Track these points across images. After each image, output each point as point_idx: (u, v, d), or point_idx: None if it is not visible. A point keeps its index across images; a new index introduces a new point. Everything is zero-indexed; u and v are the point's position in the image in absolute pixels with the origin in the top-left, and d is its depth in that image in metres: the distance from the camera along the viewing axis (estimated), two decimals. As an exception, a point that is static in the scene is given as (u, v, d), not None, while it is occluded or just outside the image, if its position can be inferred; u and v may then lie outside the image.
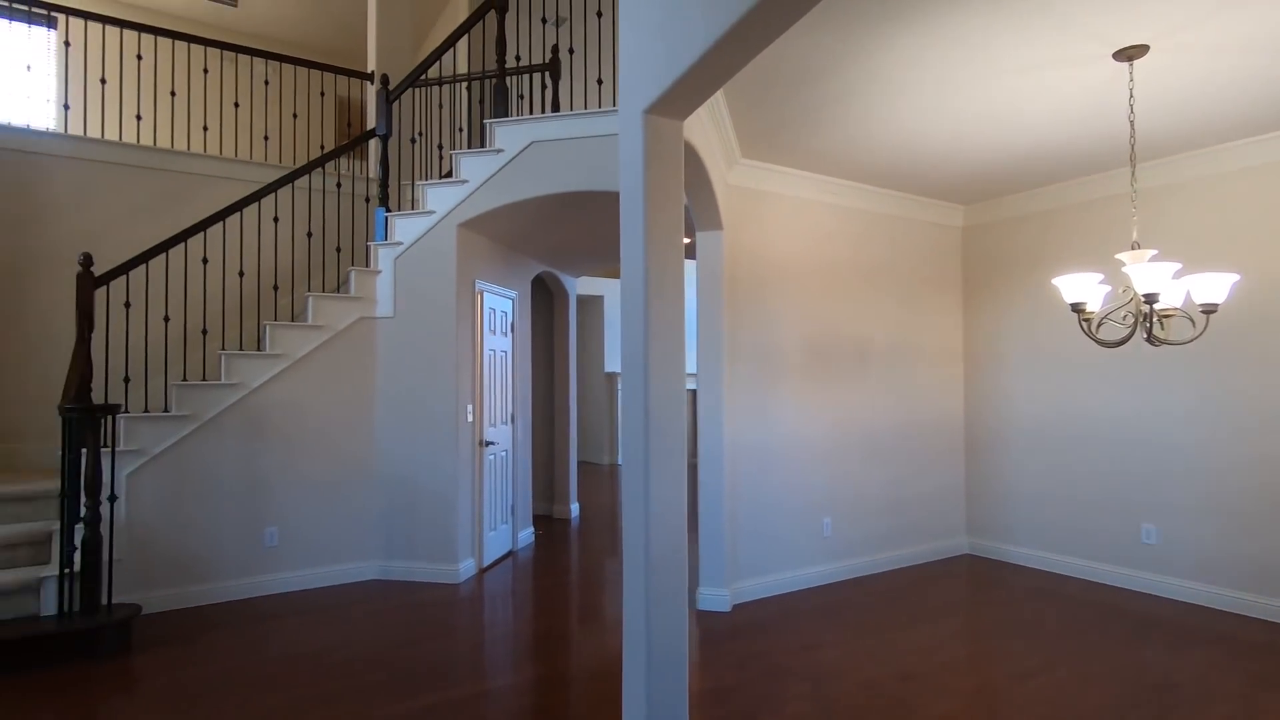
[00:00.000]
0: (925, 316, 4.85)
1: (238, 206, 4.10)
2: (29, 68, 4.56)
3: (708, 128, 3.26)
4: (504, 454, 5.05)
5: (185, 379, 3.96)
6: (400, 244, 4.42)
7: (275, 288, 4.27)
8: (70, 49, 5.65)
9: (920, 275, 4.83)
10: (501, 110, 4.29)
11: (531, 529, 5.48)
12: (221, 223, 4.11)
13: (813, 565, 4.26)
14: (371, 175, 5.31)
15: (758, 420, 4.06)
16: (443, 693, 2.82)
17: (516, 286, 5.25)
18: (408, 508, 4.35)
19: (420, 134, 5.36)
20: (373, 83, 5.33)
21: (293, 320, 4.34)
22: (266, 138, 5.04)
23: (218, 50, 6.22)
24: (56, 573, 3.22)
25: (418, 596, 4.02)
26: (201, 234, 4.20)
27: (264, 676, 2.97)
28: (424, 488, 4.33)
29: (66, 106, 4.48)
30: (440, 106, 4.67)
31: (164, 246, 3.87)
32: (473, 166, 4.27)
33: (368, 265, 4.57)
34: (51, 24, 6.04)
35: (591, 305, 9.76)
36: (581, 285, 9.34)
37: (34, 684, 2.88)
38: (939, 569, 4.63)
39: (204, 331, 4.03)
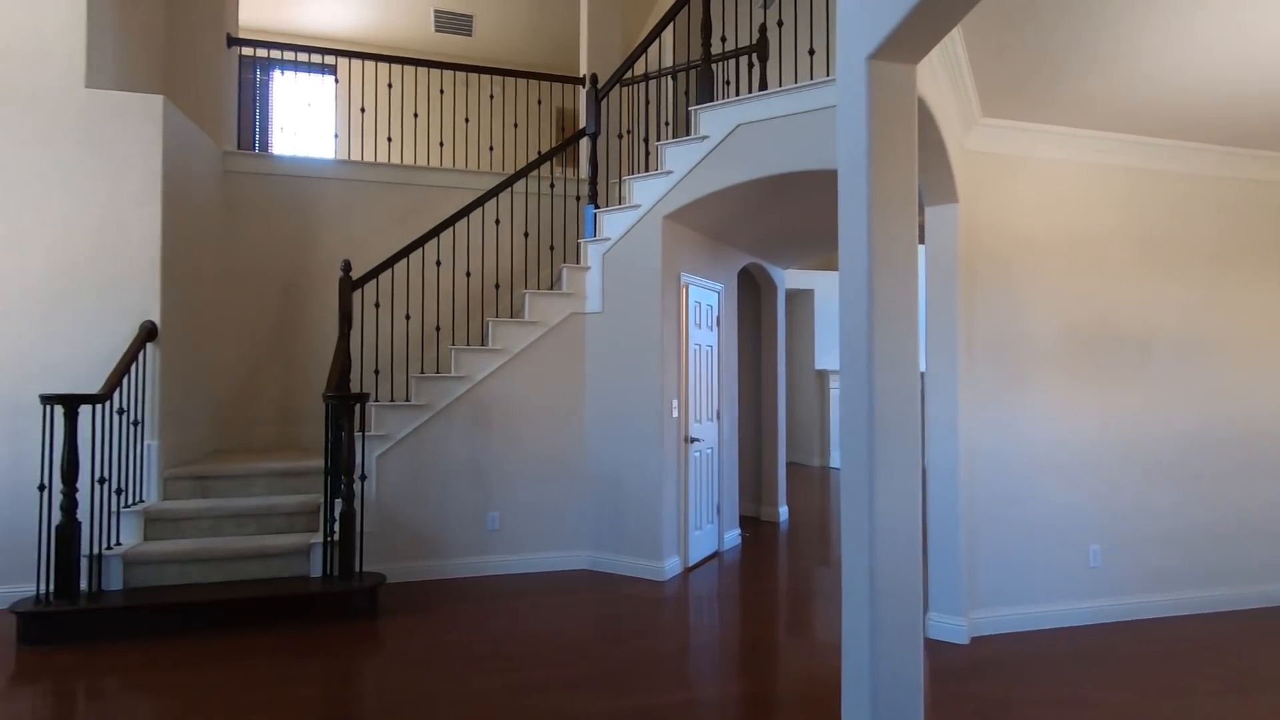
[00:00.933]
0: (1235, 298, 3.84)
1: (464, 212, 4.42)
2: (309, 105, 5.33)
3: (941, 82, 2.81)
4: (709, 452, 4.91)
5: (423, 371, 4.35)
6: (608, 239, 4.46)
7: (497, 286, 4.54)
8: (338, 85, 6.54)
9: (1228, 247, 3.83)
10: (706, 97, 4.14)
11: (738, 530, 5.28)
12: (451, 228, 4.45)
13: (1075, 600, 3.55)
14: (583, 176, 5.47)
15: (1001, 425, 3.47)
16: (647, 696, 2.73)
17: (723, 279, 5.09)
18: (615, 501, 4.39)
19: (628, 130, 5.42)
20: (584, 85, 5.50)
21: (511, 316, 4.59)
22: (491, 148, 5.41)
23: (452, 73, 6.86)
24: (322, 540, 3.67)
25: (624, 590, 4.02)
26: (435, 239, 4.60)
27: (484, 655, 3.11)
28: (630, 482, 4.33)
29: (335, 135, 5.16)
30: (647, 102, 4.66)
31: (405, 252, 4.28)
32: (677, 156, 4.17)
33: (578, 262, 4.70)
34: (333, 71, 7.10)
35: (801, 300, 9.32)
36: (791, 278, 8.95)
37: (302, 636, 3.29)
38: (1265, 620, 3.62)
39: (437, 328, 4.40)
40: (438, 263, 4.34)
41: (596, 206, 4.70)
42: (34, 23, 3.80)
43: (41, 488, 3.23)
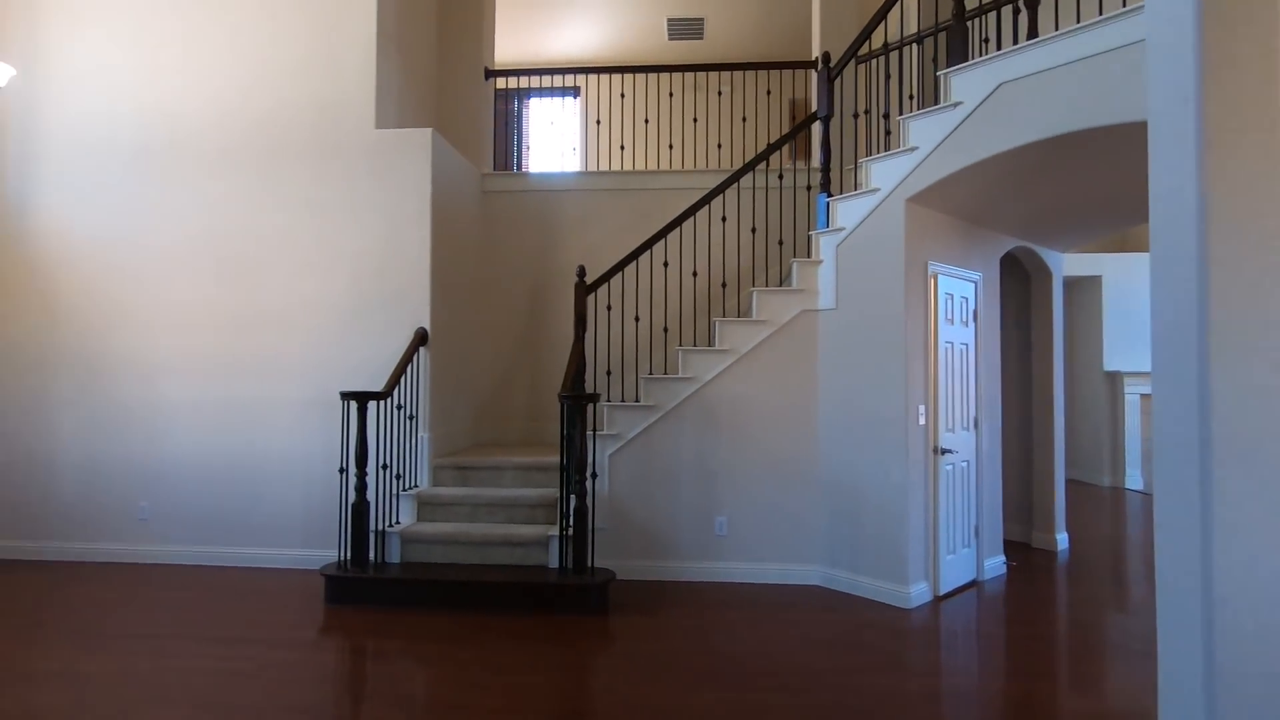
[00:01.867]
0: None
1: (691, 212, 4.37)
2: (552, 123, 5.71)
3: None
4: (965, 465, 4.28)
5: (651, 373, 4.38)
6: (842, 230, 4.11)
7: (723, 285, 4.43)
8: (577, 100, 6.95)
9: None
10: (960, 58, 3.60)
11: (1002, 558, 4.55)
12: (679, 228, 4.44)
13: None
14: (814, 165, 5.14)
15: None
16: (886, 744, 2.39)
17: (980, 267, 4.42)
18: (852, 515, 4.01)
19: (864, 110, 4.97)
20: (816, 68, 5.17)
21: (739, 316, 4.44)
22: (720, 145, 5.32)
23: (681, 75, 6.92)
24: (558, 533, 3.84)
25: (862, 615, 3.64)
26: (663, 240, 4.63)
27: (708, 669, 2.99)
28: (869, 495, 3.93)
29: (574, 149, 5.46)
30: (886, 77, 4.21)
31: (634, 255, 4.35)
32: (923, 130, 3.69)
33: (809, 256, 4.40)
34: (575, 92, 7.61)
35: (1084, 288, 7.88)
36: (1070, 264, 7.59)
37: (539, 623, 3.46)
38: None
39: (665, 329, 4.40)
40: (665, 264, 4.35)
41: (829, 195, 4.36)
42: (336, 78, 4.53)
43: (342, 471, 3.82)
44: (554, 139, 7.76)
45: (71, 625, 3.38)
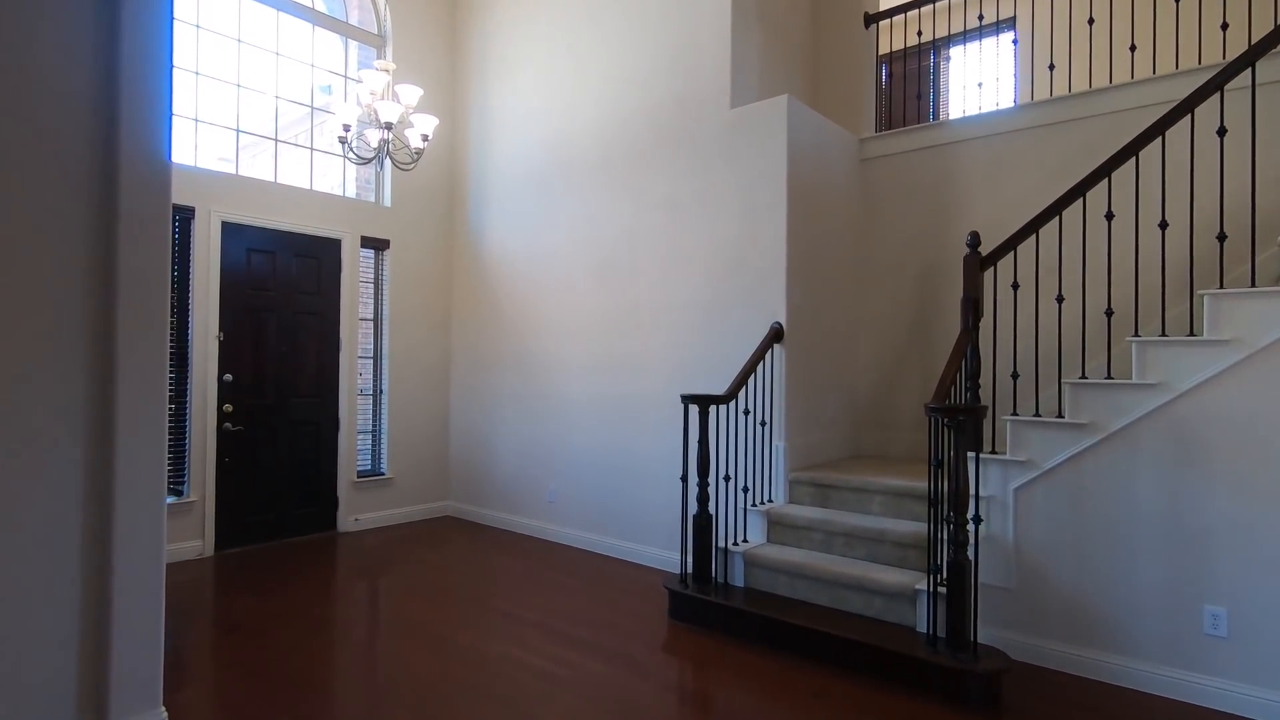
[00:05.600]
0: None
1: (1156, 130, 2.85)
2: (980, 84, 4.52)
3: None
4: None
5: (1083, 375, 3.02)
6: None
7: (1221, 238, 2.76)
8: (1013, 33, 5.46)
9: None
10: None
11: None
12: (1133, 159, 2.94)
13: None
14: None
15: None
16: None
17: None
18: None
19: None
20: None
21: (1254, 285, 2.72)
22: (1225, 25, 3.44)
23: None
24: (929, 588, 2.90)
25: None
26: (1104, 182, 3.15)
27: None
28: None
29: (980, 84, 4.22)
30: None
31: (1056, 208, 3.05)
32: None
33: None
34: (1011, 26, 6.10)
35: None
36: None
37: (895, 706, 2.61)
38: None
39: (1108, 312, 2.97)
40: (1108, 215, 2.92)
41: None
42: (692, 66, 4.32)
43: (683, 479, 3.58)
44: (985, 92, 6.35)
45: (467, 593, 3.88)
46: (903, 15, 5.10)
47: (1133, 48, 3.78)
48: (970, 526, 2.88)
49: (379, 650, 3.10)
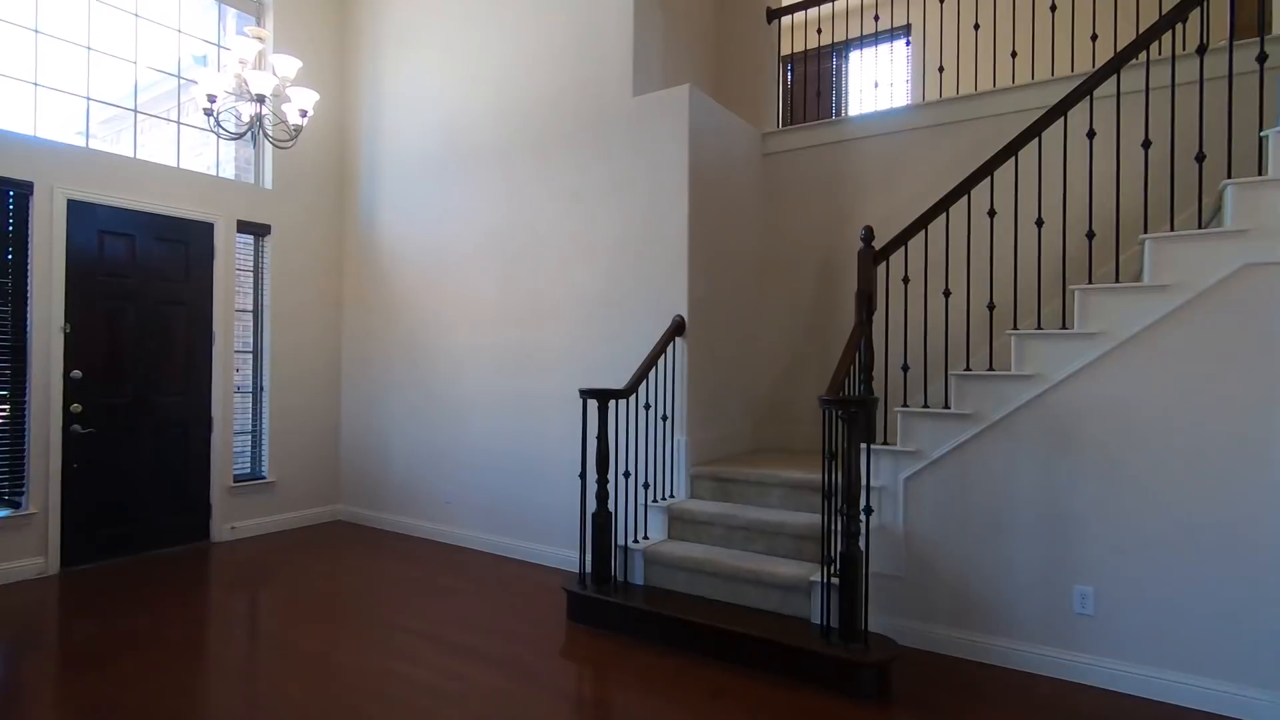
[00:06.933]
0: None
1: (1032, 132, 2.96)
2: (876, 85, 4.61)
3: None
4: None
5: (968, 367, 3.12)
6: (1336, 116, 2.32)
7: (1090, 235, 2.90)
8: (878, 21, 5.63)
9: None
10: None
11: None
12: (1013, 159, 3.05)
13: None
14: (1272, 34, 3.15)
15: None
16: None
17: None
18: (1356, 625, 2.25)
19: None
20: None
21: (1117, 281, 2.88)
22: (1095, 36, 3.64)
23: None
24: (822, 580, 2.91)
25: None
26: (986, 180, 3.26)
27: None
28: (1401, 596, 2.14)
29: (876, 84, 4.32)
30: None
31: (942, 205, 3.13)
32: None
33: (1260, 173, 2.63)
34: (906, 34, 6.30)
35: None
36: None
37: (790, 703, 2.60)
38: None
39: (990, 306, 3.07)
40: (991, 213, 3.02)
41: (1306, 62, 2.53)
42: (595, 52, 4.20)
43: (582, 476, 3.46)
44: (864, 83, 6.53)
45: (353, 604, 3.63)
46: (804, 14, 5.17)
47: (1014, 54, 3.95)
48: (862, 517, 2.90)
49: (245, 674, 2.83)
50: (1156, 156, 3.37)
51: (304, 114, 3.84)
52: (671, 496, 3.80)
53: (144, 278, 4.45)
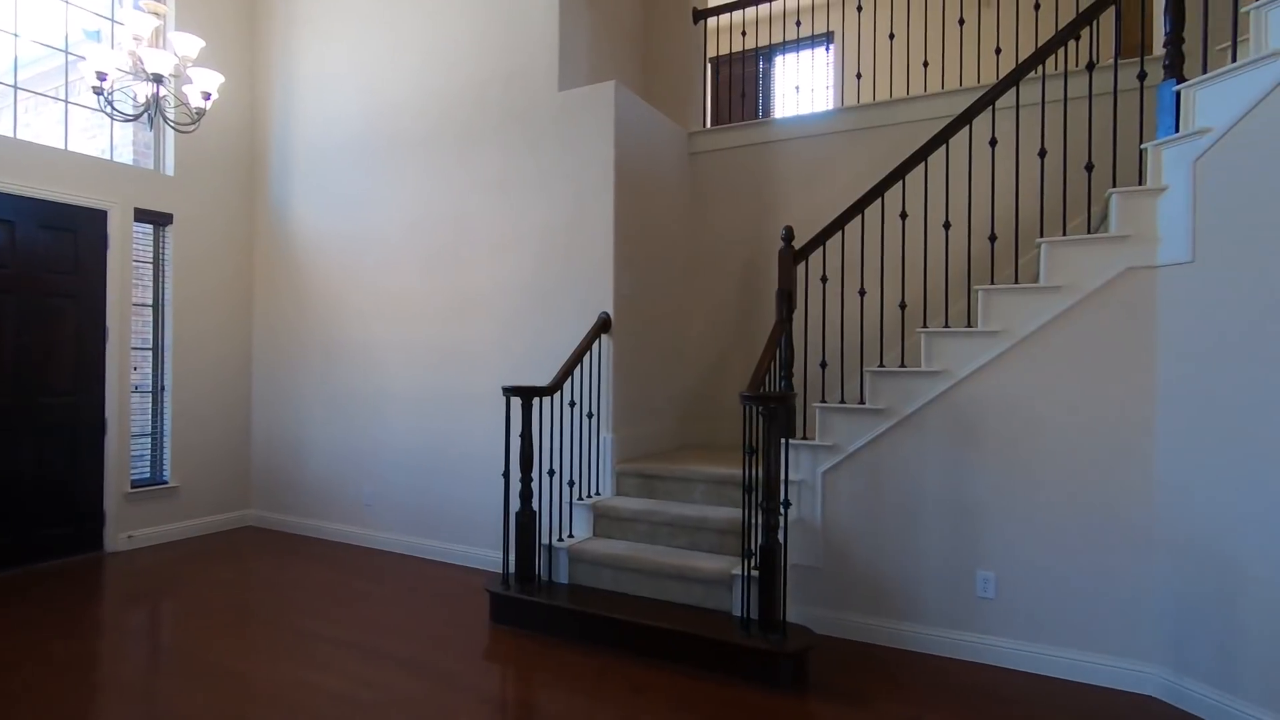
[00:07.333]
0: None
1: (940, 139, 3.10)
2: (798, 88, 4.71)
3: None
4: None
5: (882, 364, 3.23)
6: (1206, 132, 2.52)
7: (992, 239, 3.06)
8: (800, 27, 5.78)
9: None
10: None
11: None
12: (923, 164, 3.18)
13: None
14: (1152, 56, 3.40)
15: None
16: None
17: None
18: (1220, 600, 2.45)
19: (1253, -53, 3.12)
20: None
21: (1017, 282, 3.05)
22: (999, 50, 3.84)
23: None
24: (743, 573, 2.96)
25: (1241, 778, 2.15)
26: (899, 184, 3.39)
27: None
28: (1260, 571, 2.35)
29: (797, 87, 4.42)
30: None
31: (857, 207, 3.23)
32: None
33: (1141, 183, 2.84)
34: (828, 42, 6.47)
35: None
36: None
37: (712, 697, 2.63)
38: None
39: (902, 305, 3.20)
40: (903, 215, 3.14)
41: (1180, 80, 2.74)
42: (521, 44, 4.14)
43: (505, 475, 3.41)
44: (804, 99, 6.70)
45: (263, 613, 3.46)
46: (730, 16, 5.24)
47: (925, 64, 4.13)
48: (781, 511, 2.97)
49: (141, 692, 2.65)
50: (1052, 165, 3.59)
51: (207, 97, 3.62)
52: (597, 494, 3.79)
53: (25, 268, 4.11)
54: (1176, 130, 2.70)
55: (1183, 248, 2.59)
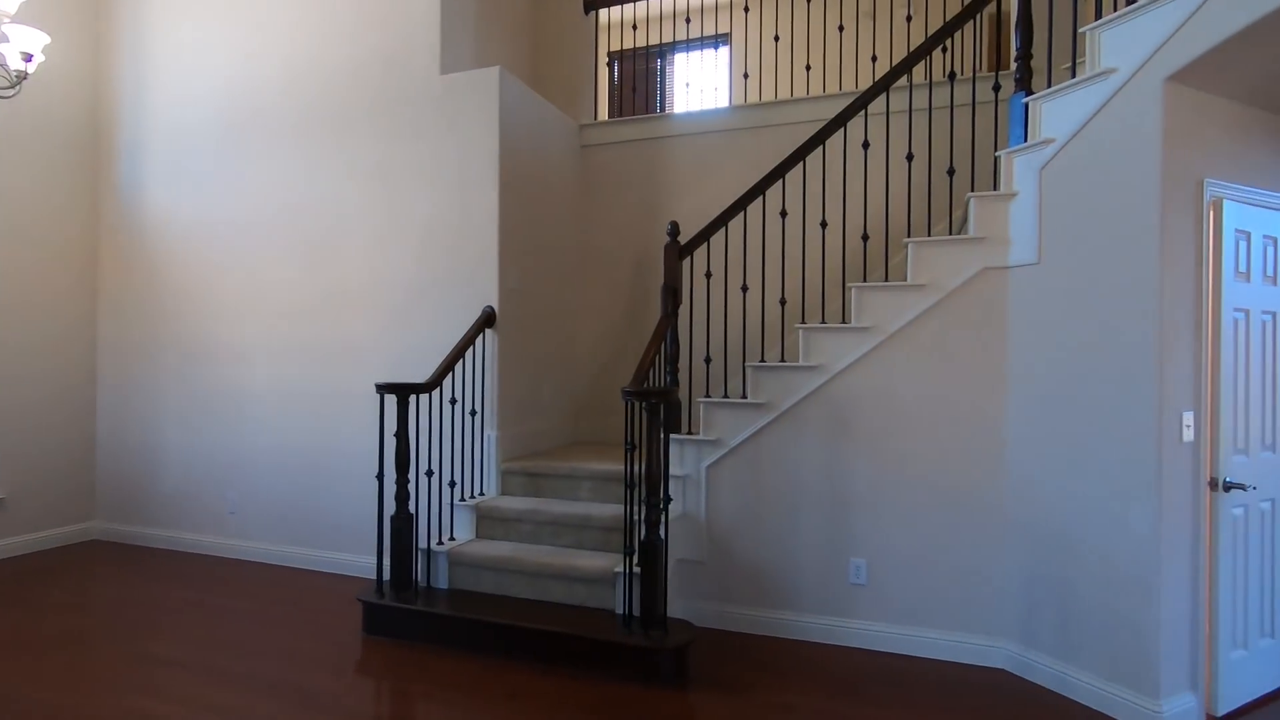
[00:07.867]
0: None
1: (818, 140, 3.18)
2: (687, 85, 4.71)
3: None
4: (1267, 508, 2.69)
5: (763, 359, 3.29)
6: (1048, 144, 2.70)
7: (865, 238, 3.18)
8: (690, 25, 5.85)
9: None
10: None
11: (1332, 652, 2.87)
12: (801, 164, 3.26)
13: None
14: (1005, 71, 3.64)
15: None
16: None
17: (1300, 188, 2.75)
18: (1061, 577, 2.65)
19: (1092, -27, 3.40)
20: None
21: (887, 280, 3.19)
22: (875, 58, 3.99)
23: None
24: (625, 570, 2.93)
25: (1075, 741, 2.33)
26: (779, 183, 3.48)
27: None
28: (1091, 548, 2.55)
29: (687, 85, 4.44)
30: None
31: (740, 204, 3.28)
32: (1199, -48, 2.21)
33: (995, 189, 3.02)
34: (724, 43, 6.54)
35: None
36: None
37: (594, 696, 2.58)
38: None
39: (782, 301, 3.27)
40: (783, 213, 3.21)
41: (1029, 94, 2.94)
42: (401, 23, 3.93)
43: (379, 477, 3.22)
44: (698, 96, 6.75)
45: (104, 638, 3.12)
46: (627, 10, 5.21)
47: (808, 67, 4.24)
48: (662, 506, 2.96)
49: (-67, 735, 2.31)
50: (919, 170, 3.77)
51: (28, 58, 3.21)
52: (481, 494, 3.66)
53: None
54: (1025, 140, 2.88)
55: (1030, 250, 2.77)
